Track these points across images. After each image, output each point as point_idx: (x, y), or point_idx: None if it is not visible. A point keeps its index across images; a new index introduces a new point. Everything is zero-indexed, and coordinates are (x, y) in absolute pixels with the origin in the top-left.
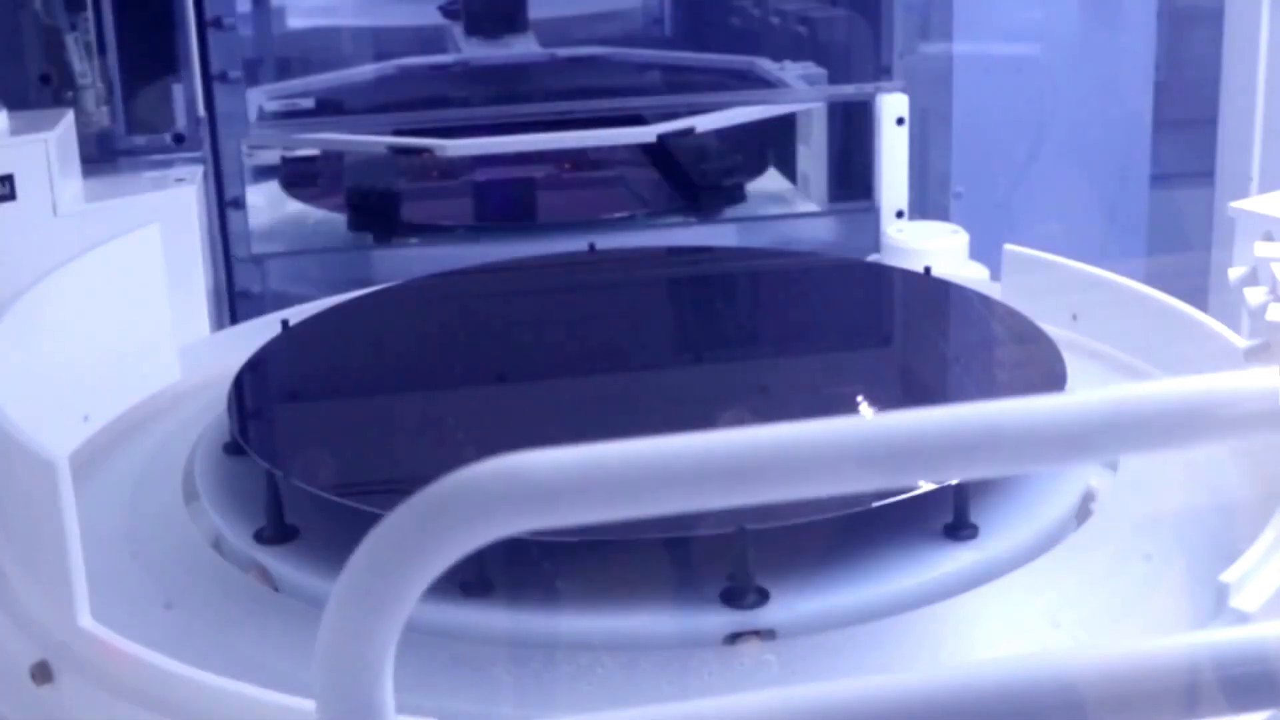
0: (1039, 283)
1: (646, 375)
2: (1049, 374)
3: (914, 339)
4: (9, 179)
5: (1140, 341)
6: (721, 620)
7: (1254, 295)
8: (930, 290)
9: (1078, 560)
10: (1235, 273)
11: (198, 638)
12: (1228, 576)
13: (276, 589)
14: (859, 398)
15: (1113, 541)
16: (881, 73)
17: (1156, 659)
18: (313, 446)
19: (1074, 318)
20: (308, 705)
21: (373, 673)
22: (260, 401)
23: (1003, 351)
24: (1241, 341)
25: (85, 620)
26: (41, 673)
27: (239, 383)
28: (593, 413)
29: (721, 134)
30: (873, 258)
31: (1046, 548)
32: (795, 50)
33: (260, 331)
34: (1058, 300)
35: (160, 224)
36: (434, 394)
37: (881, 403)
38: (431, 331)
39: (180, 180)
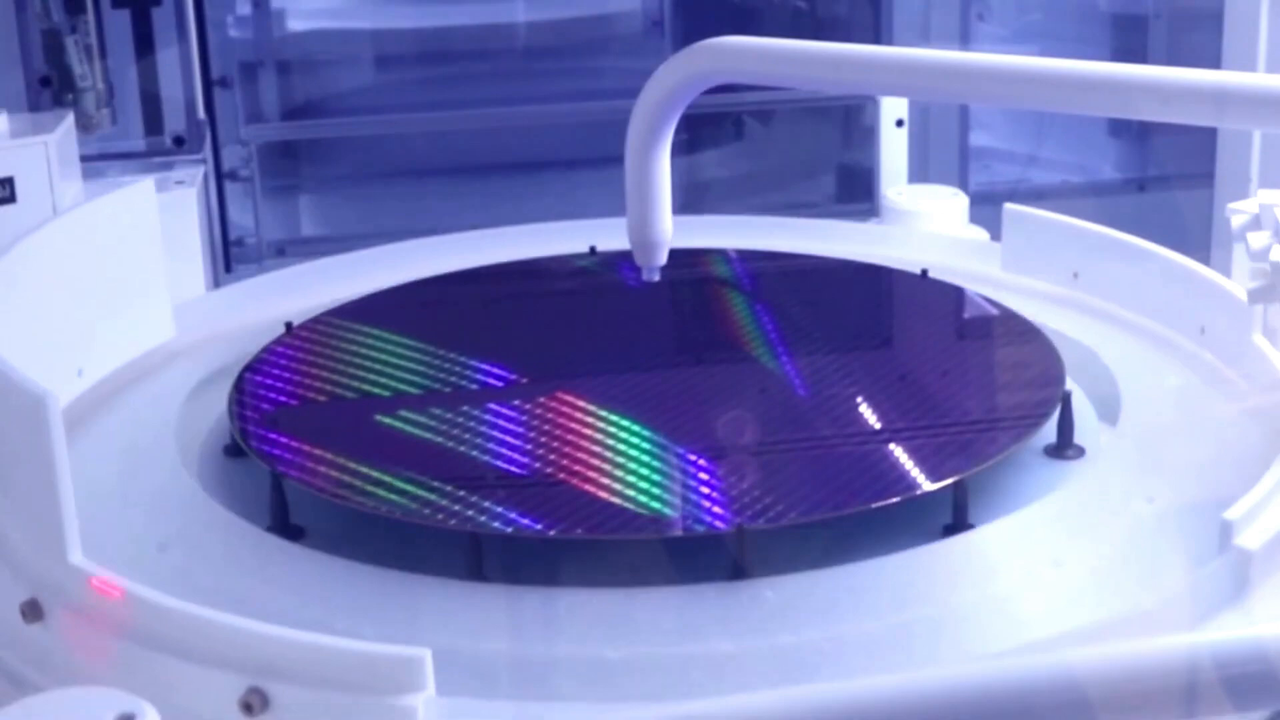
0: (1039, 242)
1: (648, 377)
2: (1046, 374)
3: (910, 340)
4: (9, 181)
5: (1141, 296)
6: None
7: (1257, 239)
8: (929, 292)
9: (1080, 500)
10: (1238, 220)
11: (190, 578)
12: (1231, 514)
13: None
14: (857, 398)
15: (1115, 484)
16: None
17: (1156, 659)
18: (312, 448)
19: (1075, 275)
20: (299, 636)
21: (657, 145)
22: (261, 404)
23: (1001, 352)
24: (1242, 292)
25: (76, 557)
26: (32, 610)
27: (239, 384)
28: (591, 413)
29: None
30: (873, 221)
31: None
32: None
33: (256, 291)
34: (1058, 258)
35: (159, 227)
36: (431, 396)
37: (878, 402)
38: (434, 332)
39: (180, 183)
